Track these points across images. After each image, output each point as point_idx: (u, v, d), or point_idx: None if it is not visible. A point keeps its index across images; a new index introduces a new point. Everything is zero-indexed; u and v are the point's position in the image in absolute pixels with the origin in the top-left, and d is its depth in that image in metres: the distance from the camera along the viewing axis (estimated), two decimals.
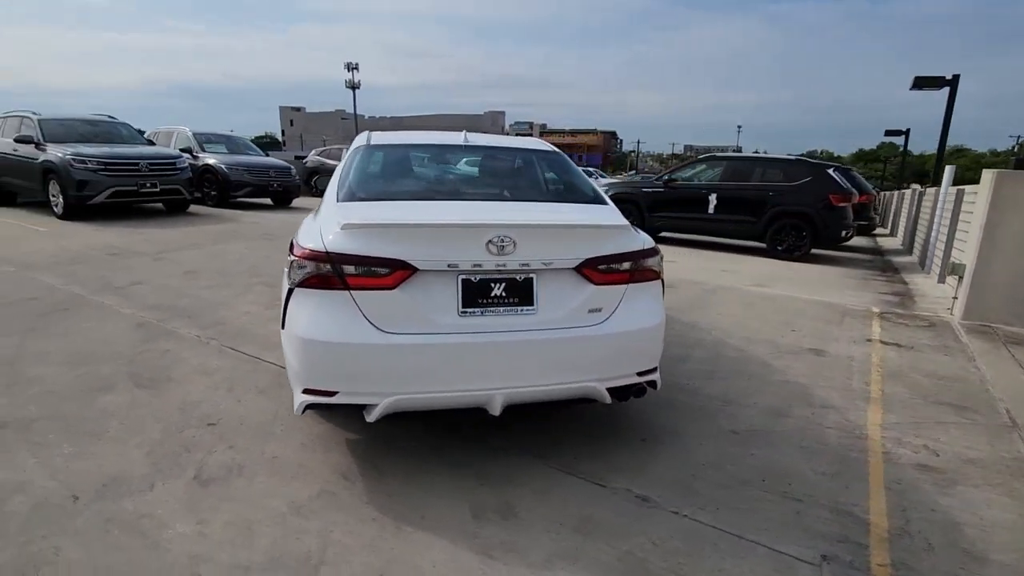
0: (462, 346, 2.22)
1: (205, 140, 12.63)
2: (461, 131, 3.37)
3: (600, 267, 2.36)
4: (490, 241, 2.19)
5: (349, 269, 2.17)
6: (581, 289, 2.35)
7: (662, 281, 2.62)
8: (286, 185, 12.78)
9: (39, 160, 9.58)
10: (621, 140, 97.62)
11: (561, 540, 2.08)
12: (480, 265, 2.22)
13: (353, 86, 52.00)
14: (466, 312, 2.24)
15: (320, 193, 5.96)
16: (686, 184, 9.45)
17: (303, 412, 2.29)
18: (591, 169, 26.83)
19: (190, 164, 11.13)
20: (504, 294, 2.28)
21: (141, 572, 1.87)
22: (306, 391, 2.23)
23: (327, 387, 2.21)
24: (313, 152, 18.23)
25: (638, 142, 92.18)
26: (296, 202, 13.31)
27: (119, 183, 9.30)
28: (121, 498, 2.24)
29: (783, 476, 2.54)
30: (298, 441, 2.69)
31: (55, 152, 9.30)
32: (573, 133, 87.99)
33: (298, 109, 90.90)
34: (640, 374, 2.51)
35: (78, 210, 9.25)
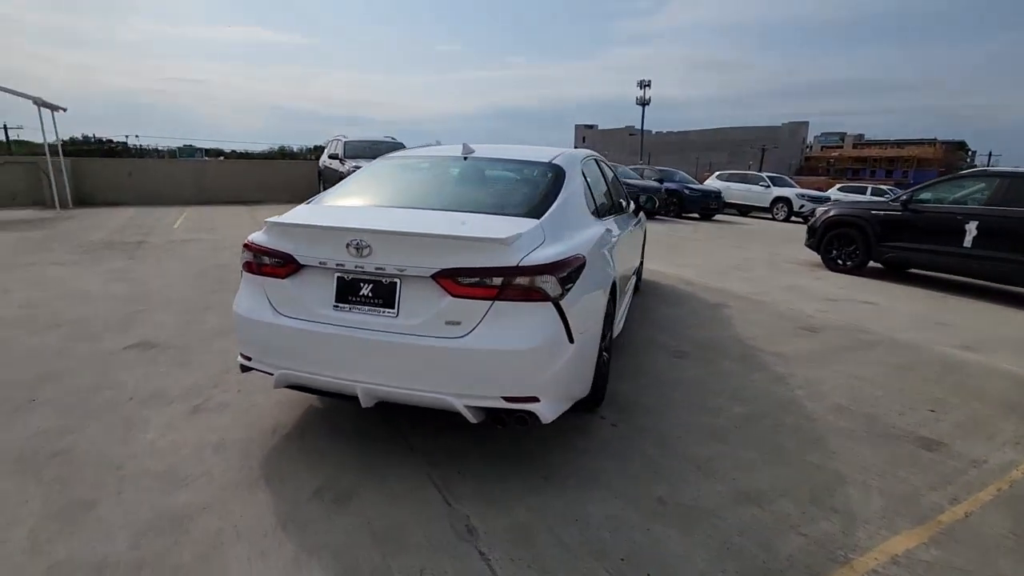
0: (331, 336, 2.44)
1: None
2: (461, 145, 3.49)
3: (459, 279, 2.28)
4: (349, 244, 2.36)
5: (264, 259, 2.62)
6: (438, 299, 2.31)
7: (555, 304, 2.33)
8: None
9: (339, 171, 12.87)
10: (973, 152, 75.93)
11: (350, 538, 2.13)
12: (343, 265, 2.41)
13: (643, 103, 53.24)
14: (338, 306, 2.46)
15: None
16: (935, 207, 7.14)
17: (242, 372, 2.83)
18: (883, 187, 21.88)
19: None
20: (371, 294, 2.42)
21: (102, 452, 2.66)
22: (240, 354, 2.77)
23: (246, 353, 2.71)
24: None
25: (990, 154, 70.30)
26: None
27: None
28: (149, 406, 3.15)
29: (653, 565, 2.01)
30: (277, 398, 3.28)
31: (348, 165, 12.35)
32: (899, 144, 72.43)
33: (591, 127, 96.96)
34: (509, 400, 2.32)
35: None
